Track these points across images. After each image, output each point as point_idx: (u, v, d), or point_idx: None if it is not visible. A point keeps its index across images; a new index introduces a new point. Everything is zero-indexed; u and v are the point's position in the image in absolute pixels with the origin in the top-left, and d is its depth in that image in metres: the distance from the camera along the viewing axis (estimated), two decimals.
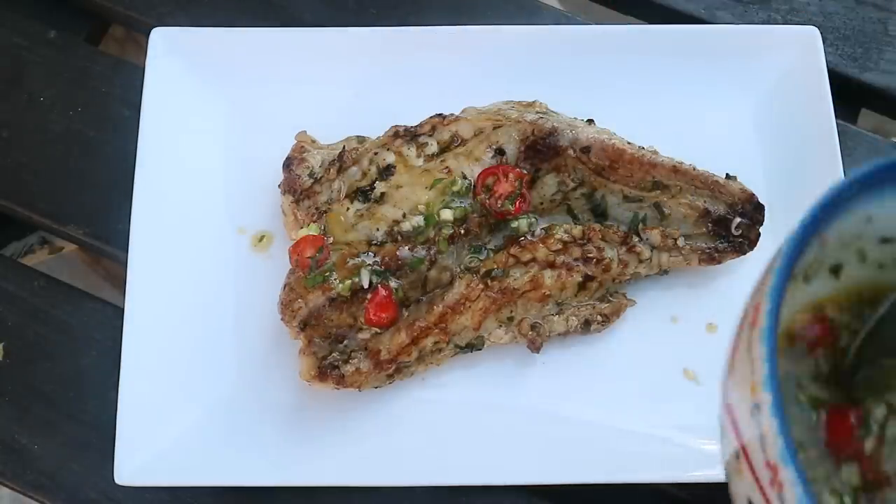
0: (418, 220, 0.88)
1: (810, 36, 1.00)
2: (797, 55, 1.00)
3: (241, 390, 0.91)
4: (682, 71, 1.01)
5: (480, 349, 0.91)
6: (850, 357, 0.55)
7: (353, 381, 0.86)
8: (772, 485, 0.40)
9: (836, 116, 0.97)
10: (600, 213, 0.94)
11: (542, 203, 0.93)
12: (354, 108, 1.01)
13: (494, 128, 0.91)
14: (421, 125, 0.93)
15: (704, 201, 0.93)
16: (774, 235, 0.95)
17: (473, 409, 0.90)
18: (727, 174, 0.94)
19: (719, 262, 0.94)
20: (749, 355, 0.43)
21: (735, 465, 0.45)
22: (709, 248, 0.94)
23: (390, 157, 0.91)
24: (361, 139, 0.95)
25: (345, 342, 0.87)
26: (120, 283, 0.92)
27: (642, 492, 0.92)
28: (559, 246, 0.89)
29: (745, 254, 0.94)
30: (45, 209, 1.02)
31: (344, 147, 0.93)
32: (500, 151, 0.90)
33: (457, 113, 0.94)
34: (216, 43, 1.00)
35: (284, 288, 0.87)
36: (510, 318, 0.90)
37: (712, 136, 1.00)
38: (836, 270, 0.56)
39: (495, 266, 0.89)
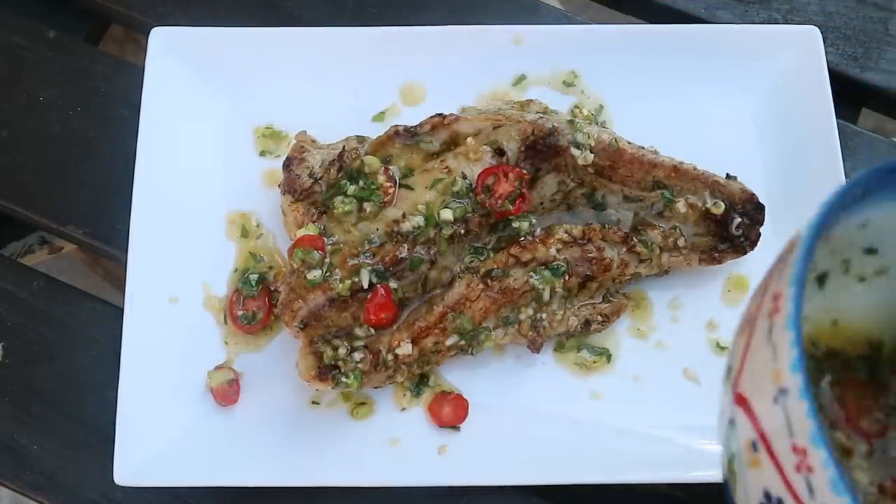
0: (418, 220, 0.87)
1: (811, 35, 0.99)
2: (798, 55, 0.99)
3: (241, 390, 0.91)
4: (683, 71, 1.01)
5: (481, 349, 0.91)
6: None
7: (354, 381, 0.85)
8: (798, 469, 0.40)
9: (837, 116, 0.97)
10: (600, 213, 0.94)
11: (542, 203, 0.92)
12: (354, 108, 1.01)
13: (494, 128, 0.91)
14: (421, 125, 0.92)
15: (704, 201, 0.93)
16: (775, 235, 0.95)
17: (474, 409, 0.90)
18: (727, 174, 0.94)
19: (719, 262, 0.94)
20: (769, 343, 0.43)
21: (750, 456, 0.45)
22: (709, 248, 0.94)
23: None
24: (361, 139, 0.95)
25: (344, 342, 0.86)
26: (120, 283, 0.92)
27: (642, 492, 0.92)
28: (559, 246, 0.89)
29: (745, 254, 0.94)
30: (45, 209, 1.02)
31: (344, 147, 0.93)
32: (500, 151, 0.90)
33: (457, 113, 0.94)
34: (216, 43, 1.00)
35: (284, 288, 0.87)
36: (510, 318, 0.90)
37: (712, 135, 0.99)
38: (821, 279, 0.56)
39: (495, 266, 0.88)
